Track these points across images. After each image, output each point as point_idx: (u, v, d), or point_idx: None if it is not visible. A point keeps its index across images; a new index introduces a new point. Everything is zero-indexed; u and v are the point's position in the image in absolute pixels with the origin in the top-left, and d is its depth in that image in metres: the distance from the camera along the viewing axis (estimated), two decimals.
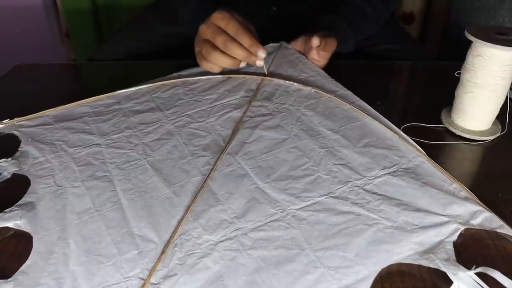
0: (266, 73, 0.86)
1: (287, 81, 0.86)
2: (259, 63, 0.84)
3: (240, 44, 0.82)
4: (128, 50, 1.09)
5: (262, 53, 0.83)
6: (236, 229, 0.55)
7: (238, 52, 0.83)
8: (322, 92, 0.82)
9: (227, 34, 0.83)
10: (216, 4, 0.89)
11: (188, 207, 0.58)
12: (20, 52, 1.73)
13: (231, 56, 0.84)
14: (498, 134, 0.75)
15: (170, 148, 0.69)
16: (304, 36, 0.92)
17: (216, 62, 0.86)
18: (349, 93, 0.83)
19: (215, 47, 0.84)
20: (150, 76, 0.89)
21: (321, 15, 0.98)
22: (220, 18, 0.84)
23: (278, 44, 0.94)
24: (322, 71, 0.90)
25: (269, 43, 0.98)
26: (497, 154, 0.72)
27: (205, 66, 0.88)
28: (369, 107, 0.79)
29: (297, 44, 0.96)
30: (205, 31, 0.85)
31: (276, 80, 0.86)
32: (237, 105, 0.79)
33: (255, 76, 0.87)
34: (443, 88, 0.81)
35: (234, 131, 0.73)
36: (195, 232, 0.55)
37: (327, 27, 0.96)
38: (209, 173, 0.64)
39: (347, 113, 0.77)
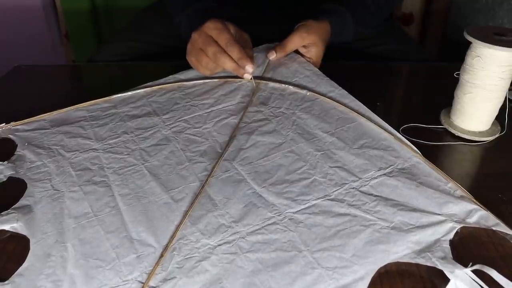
0: (254, 85, 0.86)
1: (282, 84, 0.86)
2: (247, 76, 0.85)
3: (230, 56, 0.83)
4: (128, 51, 1.09)
5: (249, 68, 0.84)
6: (234, 233, 0.56)
7: (227, 64, 0.84)
8: (317, 95, 0.83)
9: (218, 45, 0.84)
10: (215, 7, 0.89)
11: (186, 212, 0.59)
12: (20, 53, 1.74)
13: None
14: (498, 135, 0.75)
15: (167, 154, 0.69)
16: (296, 31, 0.93)
17: (210, 69, 0.87)
18: (344, 93, 0.83)
19: (207, 56, 0.85)
20: (150, 77, 0.89)
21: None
22: (212, 28, 0.84)
23: (272, 45, 0.94)
24: (317, 70, 0.91)
25: (265, 44, 0.98)
26: (496, 154, 0.73)
27: (200, 71, 0.89)
28: (365, 107, 0.79)
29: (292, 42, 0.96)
30: (197, 39, 0.86)
31: (272, 84, 0.87)
32: (234, 111, 0.80)
33: (251, 80, 0.87)
34: (442, 88, 0.81)
35: (231, 138, 0.73)
36: (193, 236, 0.55)
37: (326, 12, 0.96)
38: (207, 179, 0.64)
39: (343, 114, 0.78)
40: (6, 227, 0.57)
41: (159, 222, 0.57)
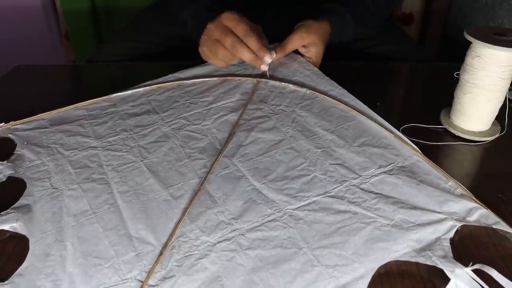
0: (268, 76, 0.87)
1: (282, 83, 0.86)
2: (264, 67, 0.85)
3: (248, 47, 0.82)
4: (128, 51, 1.09)
5: (268, 58, 0.83)
6: (234, 230, 0.55)
7: (246, 55, 0.83)
8: (317, 93, 0.82)
9: (235, 35, 0.83)
10: (215, 5, 0.89)
11: (185, 209, 0.58)
12: (20, 53, 1.73)
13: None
14: (498, 135, 0.75)
15: (166, 151, 0.69)
16: (296, 31, 0.92)
17: (225, 60, 0.86)
18: (344, 92, 0.83)
19: (223, 46, 0.84)
20: (149, 77, 0.89)
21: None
22: (229, 19, 0.84)
23: (272, 45, 0.94)
24: (317, 70, 0.91)
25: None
26: (496, 154, 0.73)
27: (214, 63, 0.89)
28: (364, 105, 0.79)
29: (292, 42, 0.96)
30: (213, 30, 0.85)
31: (272, 82, 0.87)
32: (233, 108, 0.79)
33: (250, 78, 0.88)
34: (442, 88, 0.81)
35: (230, 134, 0.73)
36: (192, 234, 0.55)
37: (326, 12, 0.96)
38: (206, 176, 0.64)
39: (343, 113, 0.77)
40: (6, 227, 0.56)
41: (158, 220, 0.57)
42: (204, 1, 0.96)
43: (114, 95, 0.83)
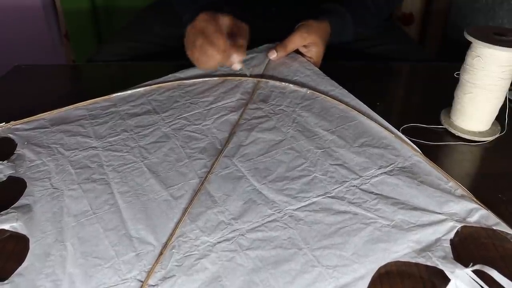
0: (248, 75, 0.87)
1: (282, 83, 0.86)
2: (235, 66, 0.85)
3: (217, 47, 0.82)
4: (128, 51, 1.09)
5: (235, 57, 0.83)
6: (234, 230, 0.55)
7: (214, 55, 0.82)
8: (318, 93, 0.82)
9: (206, 36, 0.82)
10: (219, 3, 0.89)
11: (186, 210, 0.58)
12: (20, 52, 1.74)
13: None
14: (498, 135, 0.75)
15: (166, 151, 0.69)
16: (297, 31, 0.92)
17: (203, 62, 0.86)
18: (344, 92, 0.83)
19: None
20: (149, 77, 0.89)
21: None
22: (201, 20, 0.84)
23: (273, 44, 0.94)
24: (318, 70, 0.91)
25: (265, 44, 0.98)
26: (496, 154, 0.73)
27: (197, 65, 0.88)
28: (365, 105, 0.79)
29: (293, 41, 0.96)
30: (189, 33, 0.85)
31: (272, 82, 0.87)
32: (234, 108, 0.79)
33: (251, 78, 0.88)
34: (442, 88, 0.81)
35: (231, 134, 0.73)
36: (192, 234, 0.55)
37: (326, 12, 0.96)
38: (206, 176, 0.64)
39: (343, 113, 0.77)
40: (6, 226, 0.56)
41: (158, 220, 0.57)
42: (204, 3, 0.95)
43: (114, 95, 0.83)
